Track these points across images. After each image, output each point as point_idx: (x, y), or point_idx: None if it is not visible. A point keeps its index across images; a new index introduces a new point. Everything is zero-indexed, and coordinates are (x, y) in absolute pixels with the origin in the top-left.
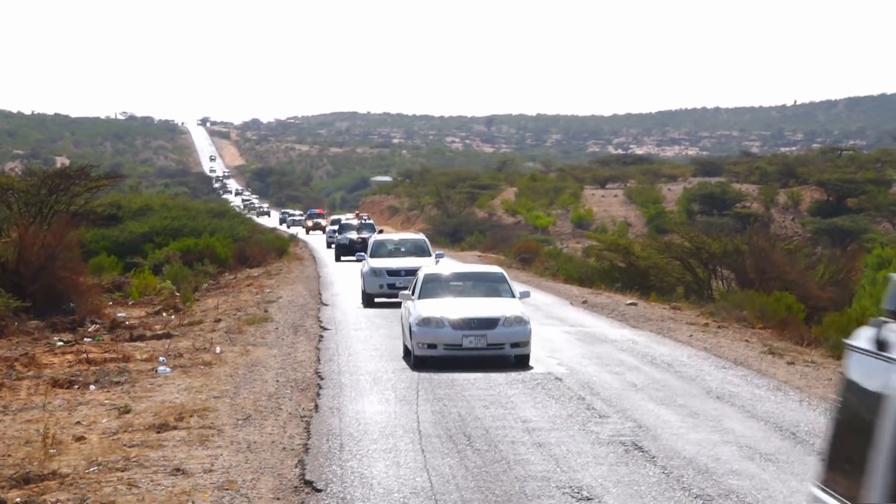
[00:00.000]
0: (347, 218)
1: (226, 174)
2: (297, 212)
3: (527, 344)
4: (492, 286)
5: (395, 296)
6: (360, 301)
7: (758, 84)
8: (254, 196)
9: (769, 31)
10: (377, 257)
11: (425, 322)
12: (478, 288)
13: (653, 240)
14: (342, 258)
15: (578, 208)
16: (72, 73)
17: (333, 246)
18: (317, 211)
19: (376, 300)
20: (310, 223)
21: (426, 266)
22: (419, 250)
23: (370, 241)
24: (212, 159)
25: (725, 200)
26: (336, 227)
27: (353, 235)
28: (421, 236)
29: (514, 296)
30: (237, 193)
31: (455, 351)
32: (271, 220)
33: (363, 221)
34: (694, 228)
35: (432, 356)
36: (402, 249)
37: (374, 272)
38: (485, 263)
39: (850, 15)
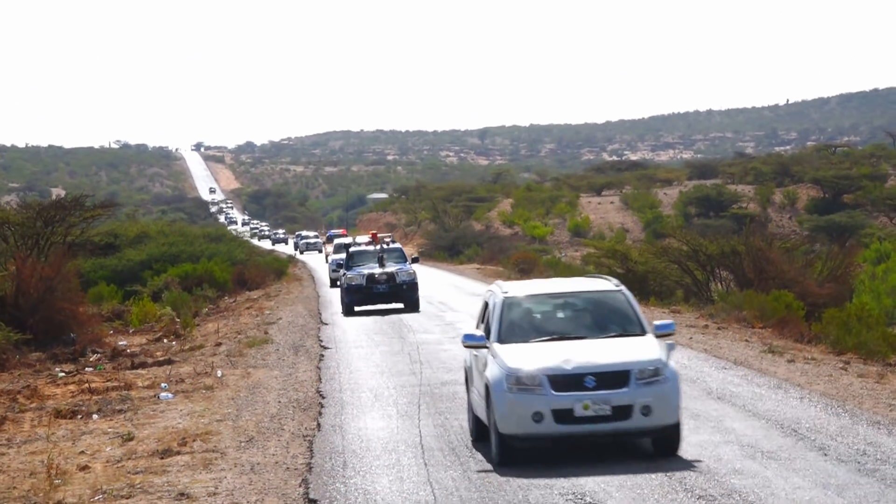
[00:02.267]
0: (359, 241)
1: (229, 204)
2: (312, 233)
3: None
4: None
5: (589, 440)
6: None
7: (750, 85)
8: (264, 223)
9: (760, 31)
10: (517, 340)
11: None
12: None
13: (650, 244)
14: (357, 308)
15: (575, 216)
16: (64, 104)
17: (342, 288)
18: (339, 232)
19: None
20: (329, 248)
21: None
22: (619, 317)
23: (493, 300)
24: (211, 191)
25: (722, 202)
26: (341, 256)
27: (374, 270)
28: (613, 284)
29: None
30: (245, 223)
31: None
32: (289, 248)
33: (387, 245)
34: (691, 231)
35: None
36: (569, 315)
37: (519, 383)
38: None
39: (840, 12)
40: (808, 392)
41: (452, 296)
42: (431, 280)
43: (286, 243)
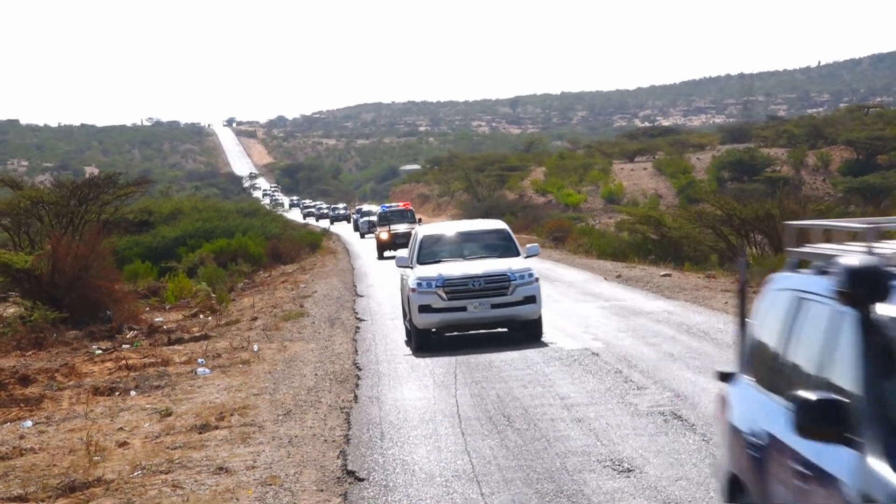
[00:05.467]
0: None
1: (274, 187)
2: (374, 208)
3: None
4: None
5: None
6: None
7: (781, 47)
8: (319, 202)
9: None
10: None
11: None
12: None
13: (684, 210)
14: None
15: (608, 183)
16: (96, 83)
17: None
18: (399, 206)
19: None
20: (384, 235)
21: None
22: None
23: None
24: (252, 177)
25: (755, 166)
26: (441, 273)
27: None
28: None
29: None
30: (293, 204)
31: None
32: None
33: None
34: (724, 196)
35: None
36: None
37: None
38: None
39: None
40: None
41: None
42: None
43: (348, 221)
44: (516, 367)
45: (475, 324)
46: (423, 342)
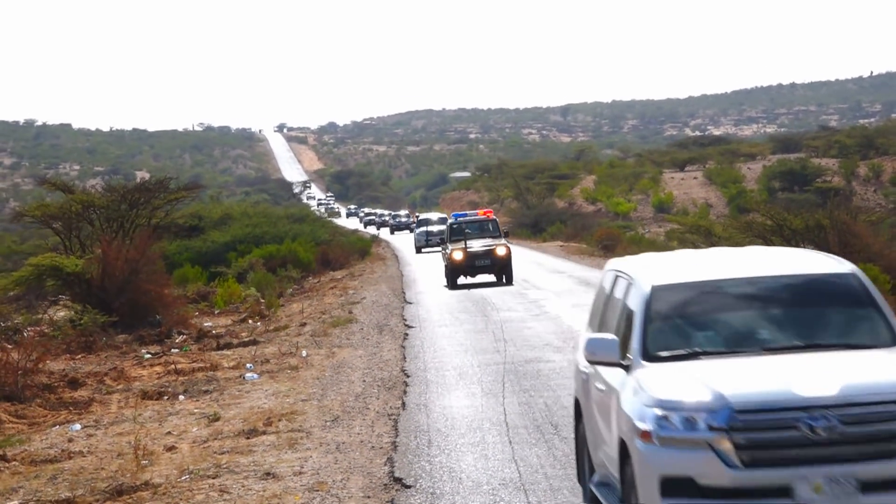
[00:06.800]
0: None
1: (331, 196)
2: (434, 216)
3: None
4: None
5: None
6: None
7: (833, 57)
8: (379, 209)
9: (843, 1)
10: None
11: None
12: None
13: (734, 219)
14: None
15: (658, 192)
16: (147, 88)
17: None
18: (478, 214)
19: None
20: (458, 254)
21: None
22: None
23: None
24: (306, 185)
25: (806, 176)
26: None
27: None
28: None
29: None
30: (350, 213)
31: None
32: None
33: None
34: (775, 206)
35: None
36: None
37: None
38: None
39: None
40: None
41: (536, 273)
42: (515, 258)
43: (410, 230)
44: (565, 375)
45: None
46: None
